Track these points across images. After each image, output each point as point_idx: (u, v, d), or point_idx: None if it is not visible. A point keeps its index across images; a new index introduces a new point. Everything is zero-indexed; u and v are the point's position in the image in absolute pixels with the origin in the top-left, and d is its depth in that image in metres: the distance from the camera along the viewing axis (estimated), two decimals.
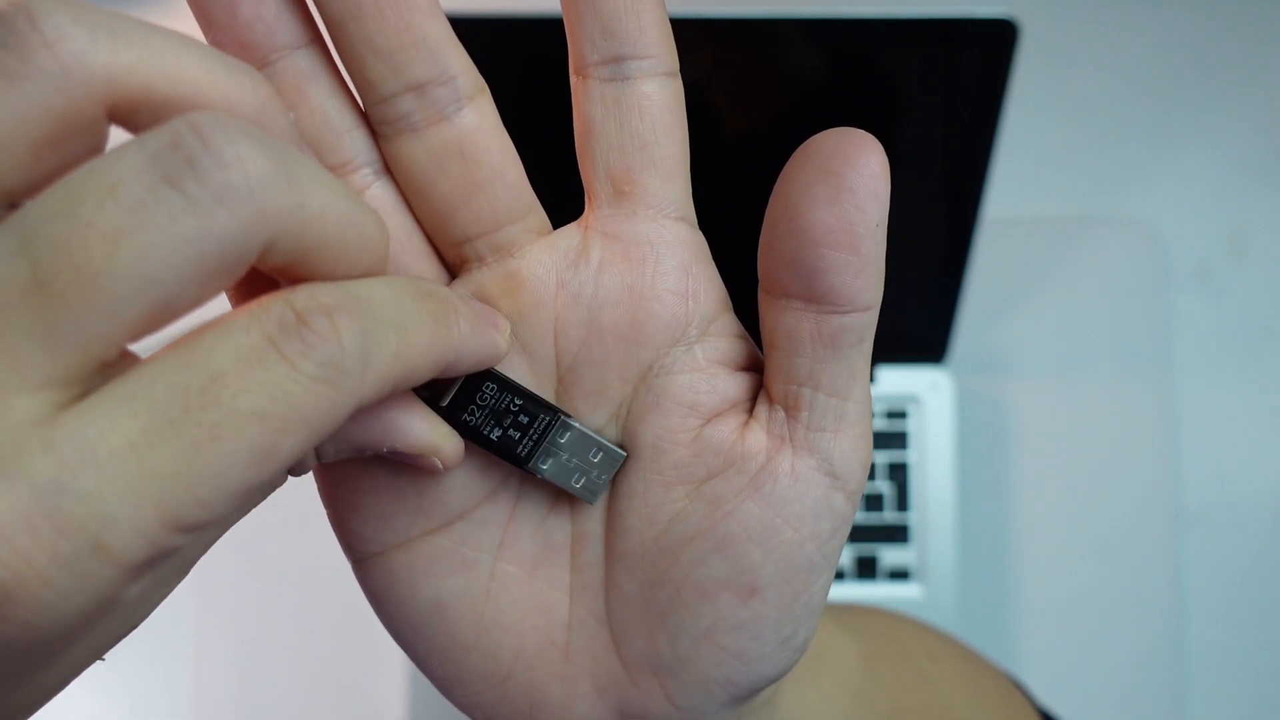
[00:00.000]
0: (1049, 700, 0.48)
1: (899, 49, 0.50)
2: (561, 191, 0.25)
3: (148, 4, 0.63)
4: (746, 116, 0.52)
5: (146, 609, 0.18)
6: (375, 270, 0.18)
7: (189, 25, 0.19)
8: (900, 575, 0.59)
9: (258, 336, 0.15)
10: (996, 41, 0.48)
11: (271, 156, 0.15)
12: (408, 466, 0.21)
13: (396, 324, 0.17)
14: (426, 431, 0.20)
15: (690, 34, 0.48)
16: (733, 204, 0.50)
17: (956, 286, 0.56)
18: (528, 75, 0.50)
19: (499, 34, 0.49)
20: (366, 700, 0.60)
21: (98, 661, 0.18)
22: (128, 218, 0.15)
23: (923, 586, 0.59)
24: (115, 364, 0.15)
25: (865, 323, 0.20)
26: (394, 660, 0.60)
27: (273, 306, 0.16)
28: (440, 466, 0.20)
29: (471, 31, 0.49)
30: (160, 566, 0.17)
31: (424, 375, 0.18)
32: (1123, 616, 0.60)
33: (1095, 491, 0.61)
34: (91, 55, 0.15)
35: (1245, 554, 0.61)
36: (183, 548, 0.15)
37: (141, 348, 0.16)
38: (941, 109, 0.52)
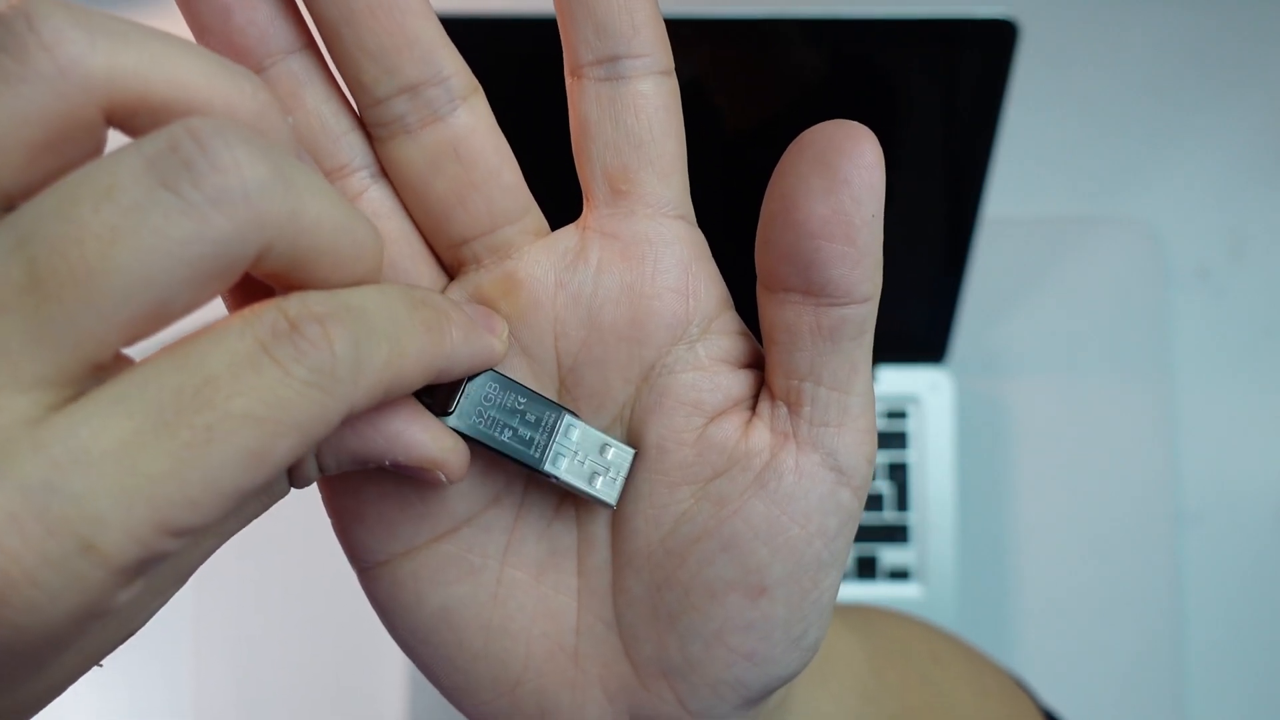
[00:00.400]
0: (1049, 700, 0.48)
1: (899, 49, 0.50)
2: (559, 193, 0.25)
3: (141, 6, 0.63)
4: (746, 116, 0.52)
5: (142, 616, 0.18)
6: (370, 278, 0.18)
7: (181, 28, 0.19)
8: (900, 575, 0.59)
9: (251, 342, 0.15)
10: (996, 41, 0.48)
11: (269, 162, 0.15)
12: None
13: (389, 332, 0.17)
14: (429, 444, 0.19)
15: (690, 34, 0.48)
16: (732, 204, 0.50)
17: (956, 286, 0.56)
18: (523, 76, 0.50)
19: (495, 34, 0.49)
20: (367, 700, 0.60)
21: (95, 667, 0.18)
22: (123, 219, 0.15)
23: (923, 586, 0.59)
24: (109, 367, 0.15)
25: (865, 314, 0.20)
26: (395, 660, 0.60)
27: (266, 313, 0.16)
28: (444, 480, 0.20)
29: (467, 32, 0.49)
30: (154, 573, 0.17)
31: (417, 382, 0.18)
32: (1123, 616, 0.60)
33: (1095, 491, 0.61)
34: (89, 58, 0.15)
35: (1245, 554, 0.61)
36: (175, 553, 0.15)
37: (135, 353, 0.16)
38: (941, 109, 0.52)
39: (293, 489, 0.20)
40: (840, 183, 0.19)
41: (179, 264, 0.15)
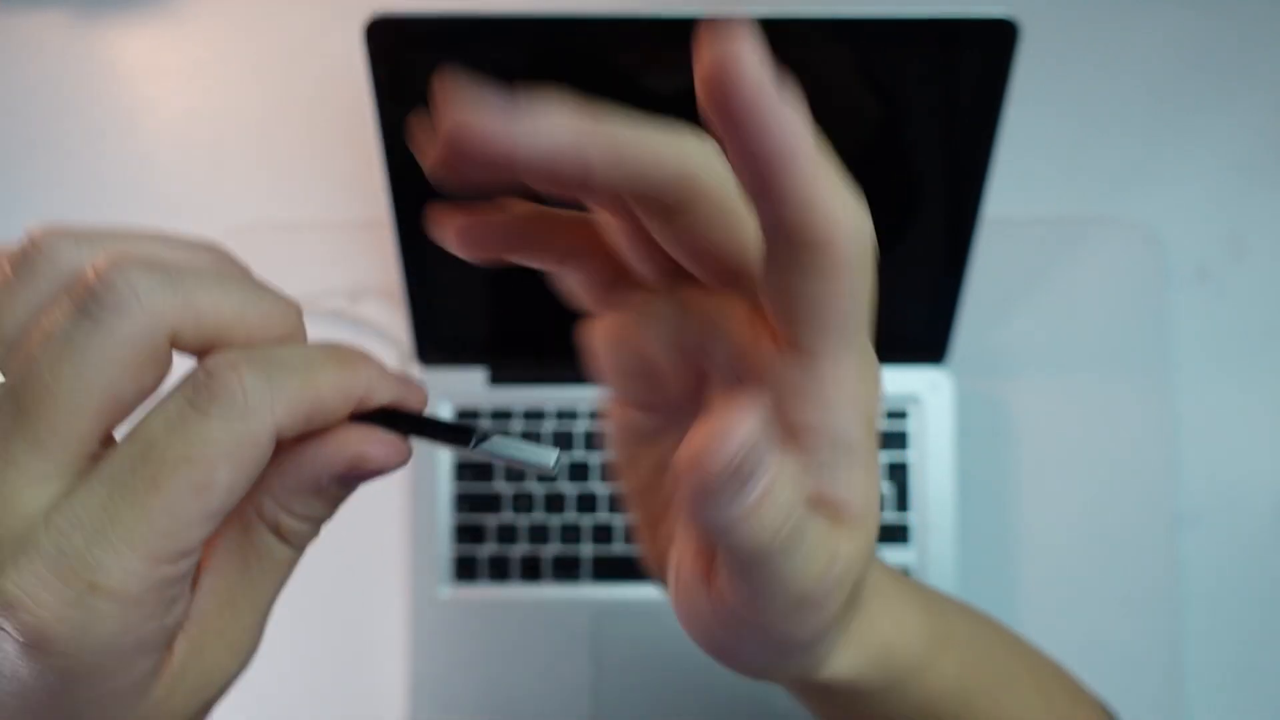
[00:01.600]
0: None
1: (899, 49, 0.50)
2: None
3: (149, 13, 0.63)
4: None
5: (247, 643, 0.23)
6: (290, 340, 0.22)
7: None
8: None
9: (180, 401, 0.20)
10: (996, 41, 0.48)
11: (152, 274, 0.20)
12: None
13: (300, 367, 0.21)
14: (349, 439, 0.22)
15: (689, 34, 0.48)
16: None
17: (956, 286, 0.56)
18: (534, 77, 0.50)
19: (502, 34, 0.49)
20: (369, 708, 0.60)
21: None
22: (60, 348, 0.19)
23: None
24: (100, 454, 0.20)
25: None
26: (396, 665, 0.60)
27: (192, 374, 0.20)
28: (379, 468, 0.22)
29: (476, 31, 0.48)
30: (178, 602, 0.21)
31: (339, 406, 0.21)
32: (1122, 616, 0.60)
33: (1095, 491, 0.61)
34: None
35: (1245, 554, 0.61)
36: (182, 573, 0.20)
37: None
38: (941, 109, 0.52)
39: (321, 535, 0.23)
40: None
41: (111, 367, 0.19)
